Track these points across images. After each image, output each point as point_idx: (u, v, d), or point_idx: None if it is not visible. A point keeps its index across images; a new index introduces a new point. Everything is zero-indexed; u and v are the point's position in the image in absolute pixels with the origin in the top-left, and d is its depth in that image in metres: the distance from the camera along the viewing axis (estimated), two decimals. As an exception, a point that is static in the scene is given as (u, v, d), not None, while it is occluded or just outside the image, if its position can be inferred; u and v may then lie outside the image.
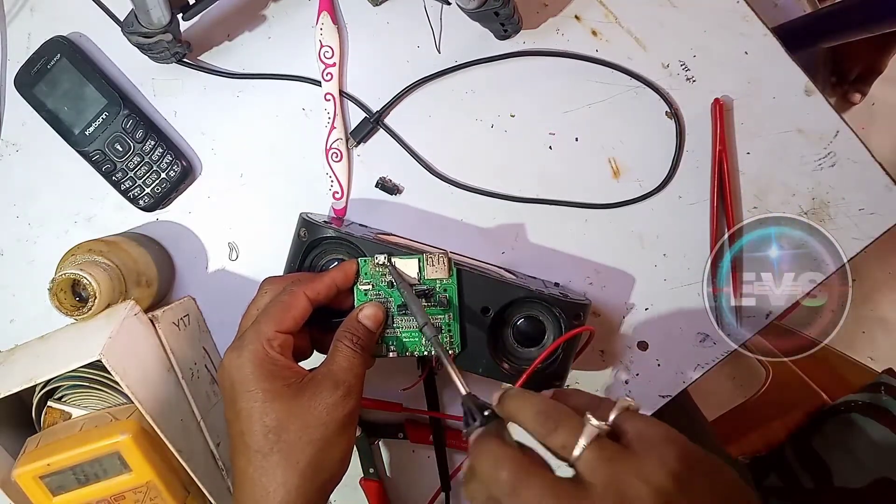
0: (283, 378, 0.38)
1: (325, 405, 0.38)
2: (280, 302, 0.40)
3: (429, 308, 0.43)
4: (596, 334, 0.47)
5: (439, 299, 0.43)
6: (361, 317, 0.42)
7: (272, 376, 0.38)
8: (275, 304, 0.40)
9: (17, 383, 0.42)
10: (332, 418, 0.38)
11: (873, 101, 1.24)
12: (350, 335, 0.41)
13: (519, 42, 0.50)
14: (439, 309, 0.44)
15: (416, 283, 0.43)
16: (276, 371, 0.38)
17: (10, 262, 0.54)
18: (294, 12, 0.51)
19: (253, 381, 0.38)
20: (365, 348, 0.41)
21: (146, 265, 0.50)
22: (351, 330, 0.41)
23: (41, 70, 0.50)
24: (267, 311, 0.40)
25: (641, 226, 0.51)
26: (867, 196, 0.49)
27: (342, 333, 0.41)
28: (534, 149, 0.51)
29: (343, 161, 0.52)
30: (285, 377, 0.38)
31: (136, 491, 0.44)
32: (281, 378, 0.38)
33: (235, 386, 0.38)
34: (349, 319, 0.42)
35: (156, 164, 0.51)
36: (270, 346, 0.39)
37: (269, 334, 0.39)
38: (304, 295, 0.41)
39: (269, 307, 0.40)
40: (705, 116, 0.50)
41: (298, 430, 0.37)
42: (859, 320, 1.25)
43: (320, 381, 0.39)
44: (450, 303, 0.44)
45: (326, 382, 0.39)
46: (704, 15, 0.49)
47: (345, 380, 0.39)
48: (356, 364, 0.40)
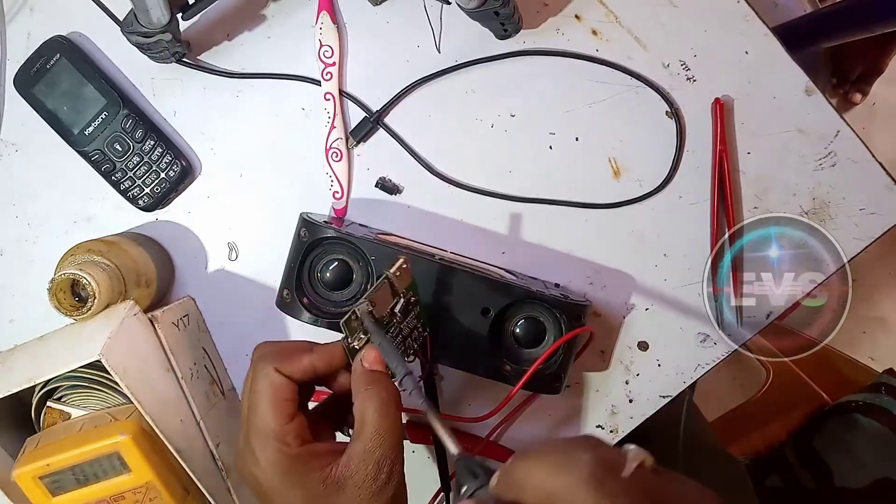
0: (315, 472, 0.33)
1: (368, 495, 0.33)
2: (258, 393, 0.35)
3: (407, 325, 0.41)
4: (596, 334, 0.47)
5: (415, 311, 0.41)
6: (366, 366, 0.36)
7: (302, 479, 0.33)
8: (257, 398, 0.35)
9: (17, 383, 0.42)
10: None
11: (874, 100, 1.24)
12: (370, 392, 0.35)
13: (519, 42, 0.50)
14: (417, 320, 0.41)
15: (389, 314, 0.39)
16: (303, 470, 0.33)
17: (10, 262, 0.54)
18: (294, 12, 0.51)
19: (285, 490, 0.33)
20: (393, 403, 0.35)
21: (146, 265, 0.50)
22: (367, 384, 0.35)
23: (41, 70, 0.50)
24: (255, 412, 0.35)
25: (641, 226, 0.51)
26: (867, 196, 0.49)
27: (360, 394, 0.35)
28: (534, 149, 0.51)
29: (343, 161, 0.52)
30: (316, 469, 0.33)
31: (136, 491, 0.44)
32: (312, 475, 0.33)
33: (269, 494, 0.34)
34: (356, 376, 0.37)
35: (155, 163, 0.51)
36: (286, 444, 0.34)
37: (277, 432, 0.34)
38: (277, 372, 0.36)
39: (255, 406, 0.35)
40: (705, 116, 0.50)
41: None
42: (859, 320, 1.25)
43: (357, 466, 0.33)
44: (418, 304, 0.41)
45: (363, 467, 0.33)
46: (705, 15, 0.49)
47: (383, 456, 0.33)
48: (389, 429, 0.34)
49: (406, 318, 0.40)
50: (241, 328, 0.54)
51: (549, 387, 0.46)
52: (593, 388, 0.53)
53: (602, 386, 0.53)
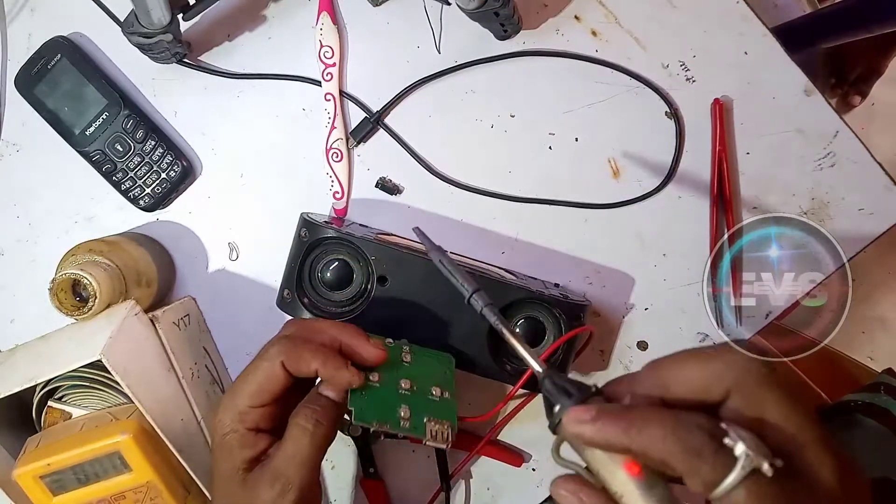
0: (238, 458, 0.36)
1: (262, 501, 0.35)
2: (257, 370, 0.37)
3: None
4: (596, 334, 0.47)
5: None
6: (322, 388, 0.37)
7: (230, 457, 0.36)
8: (253, 373, 0.37)
9: (18, 383, 0.42)
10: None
11: (873, 101, 1.24)
12: (308, 411, 0.36)
13: (519, 42, 0.50)
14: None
15: None
16: (235, 451, 0.36)
17: (11, 262, 0.54)
18: (294, 12, 0.51)
19: (217, 455, 0.37)
20: (322, 426, 0.36)
21: (146, 265, 0.50)
22: (309, 404, 0.36)
23: (41, 70, 0.50)
24: (245, 380, 0.37)
25: (641, 226, 0.51)
26: (867, 196, 0.49)
27: (298, 409, 0.36)
28: (534, 149, 0.51)
29: (343, 161, 0.52)
30: (243, 457, 0.36)
31: (137, 491, 0.44)
32: (236, 459, 0.36)
33: (212, 449, 0.38)
34: (313, 396, 0.37)
35: (156, 164, 0.51)
36: (241, 421, 0.36)
37: (241, 410, 0.36)
38: (282, 367, 0.36)
39: (248, 375, 0.37)
40: (705, 116, 0.50)
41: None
42: (859, 320, 1.25)
43: (259, 476, 0.35)
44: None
45: (265, 477, 0.35)
46: (704, 15, 0.49)
47: (283, 474, 0.35)
48: (304, 449, 0.35)
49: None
50: (242, 328, 0.54)
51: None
52: (593, 388, 0.53)
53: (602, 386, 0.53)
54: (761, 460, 0.23)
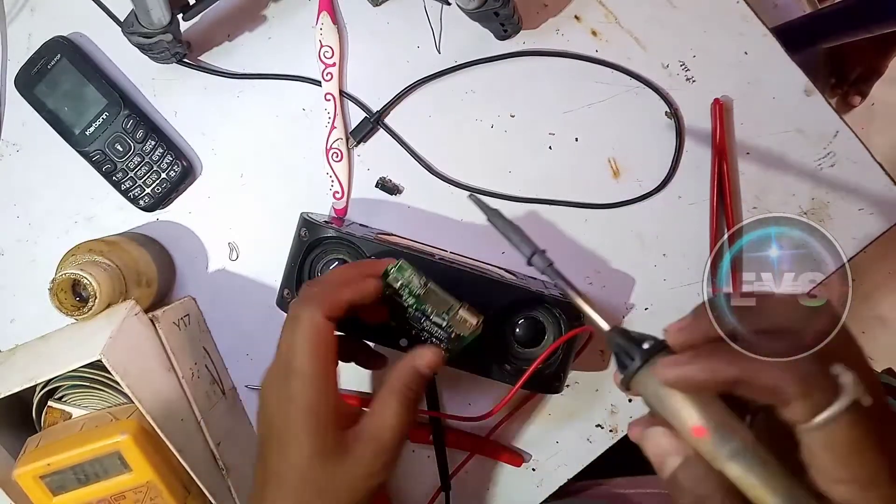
0: (335, 430, 0.34)
1: (364, 473, 0.34)
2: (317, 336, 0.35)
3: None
4: (595, 334, 0.47)
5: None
6: (421, 366, 0.37)
7: (323, 431, 0.34)
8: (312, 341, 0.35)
9: (18, 383, 0.42)
10: (367, 486, 0.34)
11: (873, 101, 1.24)
12: (405, 388, 0.36)
13: (519, 42, 0.50)
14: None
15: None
16: (327, 423, 0.34)
17: (11, 262, 0.54)
18: (294, 12, 0.51)
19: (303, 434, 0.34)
20: (417, 404, 0.36)
21: (146, 265, 0.50)
22: (407, 382, 0.36)
23: (41, 70, 0.50)
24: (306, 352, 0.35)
25: (641, 226, 0.51)
26: (867, 196, 0.49)
27: (396, 385, 0.36)
28: (534, 149, 0.51)
29: (343, 161, 0.52)
30: (337, 428, 0.34)
31: (137, 491, 0.44)
32: (331, 431, 0.34)
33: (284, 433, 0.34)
34: (404, 368, 0.37)
35: (156, 164, 0.51)
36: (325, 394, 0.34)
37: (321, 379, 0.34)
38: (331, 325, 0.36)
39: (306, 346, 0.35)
40: (705, 116, 0.50)
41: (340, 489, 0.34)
42: (859, 320, 1.25)
43: (366, 443, 0.34)
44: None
45: (371, 445, 0.34)
46: (704, 15, 0.49)
47: (391, 446, 0.34)
48: (404, 424, 0.35)
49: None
50: (242, 328, 0.54)
51: (549, 386, 0.46)
52: (593, 388, 0.53)
53: (602, 385, 0.53)
54: (862, 392, 0.24)
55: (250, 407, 0.56)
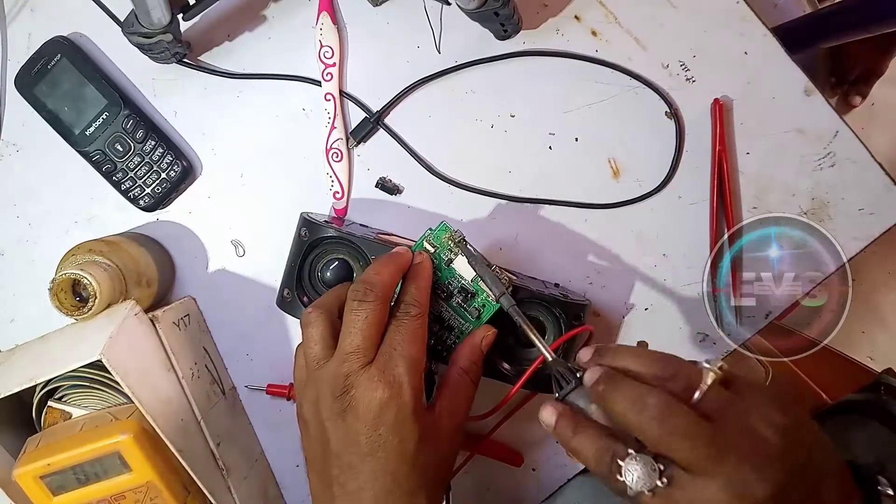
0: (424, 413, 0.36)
1: (454, 450, 0.38)
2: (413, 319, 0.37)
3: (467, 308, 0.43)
4: (596, 334, 0.47)
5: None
6: (485, 345, 0.41)
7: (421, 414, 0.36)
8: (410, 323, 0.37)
9: (18, 383, 0.42)
10: (455, 460, 0.39)
11: (873, 101, 1.24)
12: (473, 365, 0.39)
13: (519, 42, 0.50)
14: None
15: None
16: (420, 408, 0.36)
17: (11, 262, 0.54)
18: (294, 12, 0.51)
19: (412, 420, 0.35)
20: (479, 378, 0.40)
21: (146, 265, 0.50)
22: (475, 360, 0.39)
23: (41, 70, 0.50)
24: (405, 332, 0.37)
25: (641, 226, 0.51)
26: (867, 196, 0.49)
27: (465, 363, 0.39)
28: (534, 149, 0.51)
29: (343, 161, 0.52)
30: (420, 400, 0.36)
31: (137, 491, 0.44)
32: (424, 414, 0.36)
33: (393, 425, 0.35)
34: (472, 347, 0.40)
35: (156, 164, 0.51)
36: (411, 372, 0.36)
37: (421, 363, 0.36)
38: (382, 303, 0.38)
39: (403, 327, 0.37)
40: (705, 116, 0.50)
41: (435, 467, 0.37)
42: (859, 320, 1.25)
43: (450, 419, 0.38)
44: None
45: (455, 421, 0.38)
46: (704, 15, 0.49)
47: (466, 420, 0.38)
48: (473, 398, 0.39)
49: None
50: (242, 328, 0.54)
51: (549, 386, 0.46)
52: (593, 388, 0.53)
53: (602, 386, 0.53)
54: (717, 370, 0.33)
55: (250, 407, 0.56)
